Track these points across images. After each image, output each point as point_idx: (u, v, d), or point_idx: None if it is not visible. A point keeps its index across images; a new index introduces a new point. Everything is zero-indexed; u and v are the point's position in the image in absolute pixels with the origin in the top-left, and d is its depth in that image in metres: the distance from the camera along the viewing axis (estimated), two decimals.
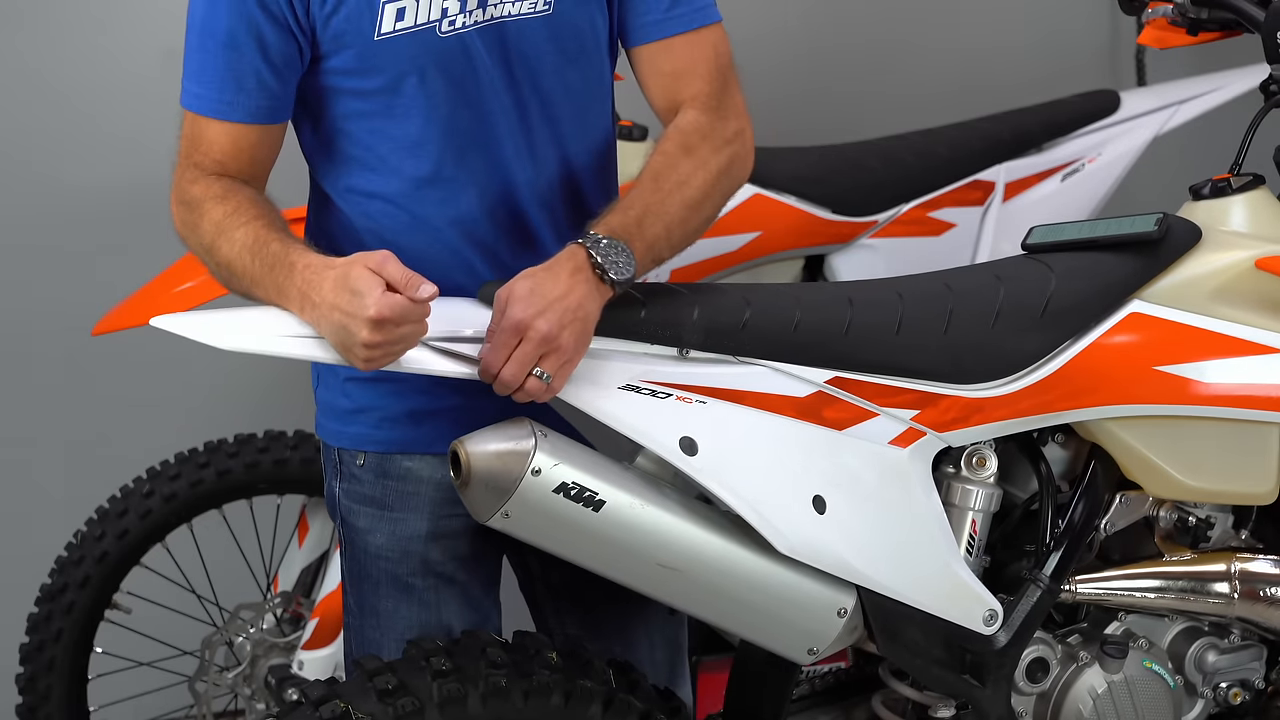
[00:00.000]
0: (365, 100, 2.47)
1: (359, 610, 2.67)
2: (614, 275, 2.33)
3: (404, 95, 2.45)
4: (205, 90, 2.46)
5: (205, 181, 2.46)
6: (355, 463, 2.62)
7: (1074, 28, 4.57)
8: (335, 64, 2.46)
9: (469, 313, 2.37)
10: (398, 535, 2.60)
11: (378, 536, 2.61)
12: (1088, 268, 2.63)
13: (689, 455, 2.34)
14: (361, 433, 2.61)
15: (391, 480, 2.59)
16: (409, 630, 2.60)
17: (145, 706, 3.70)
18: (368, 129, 2.49)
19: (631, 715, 2.44)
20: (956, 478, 2.61)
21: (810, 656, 2.50)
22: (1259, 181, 2.79)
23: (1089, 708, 2.70)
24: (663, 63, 2.58)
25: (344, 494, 2.64)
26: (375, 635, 2.64)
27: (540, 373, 2.27)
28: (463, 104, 2.47)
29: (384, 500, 2.60)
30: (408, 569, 2.61)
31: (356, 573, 2.66)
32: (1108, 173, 3.80)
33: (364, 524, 2.62)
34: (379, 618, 2.64)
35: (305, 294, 2.28)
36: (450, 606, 2.63)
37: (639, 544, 2.34)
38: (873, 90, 4.43)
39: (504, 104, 2.50)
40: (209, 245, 2.43)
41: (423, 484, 2.58)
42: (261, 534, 3.66)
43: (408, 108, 2.46)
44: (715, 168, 2.50)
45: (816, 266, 3.69)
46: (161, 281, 3.36)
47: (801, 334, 2.43)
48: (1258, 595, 2.78)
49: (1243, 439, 2.70)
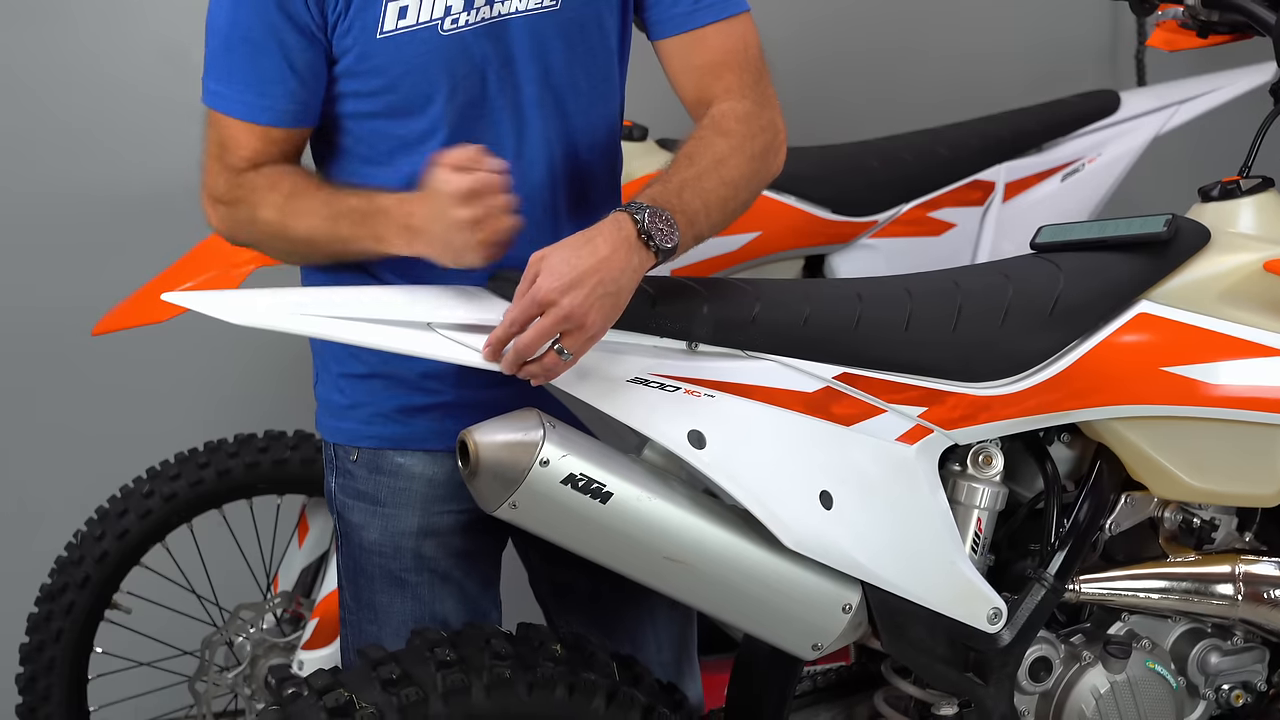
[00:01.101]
0: (368, 100, 2.47)
1: (355, 605, 2.68)
2: (659, 242, 2.31)
3: (405, 94, 2.45)
4: (231, 91, 2.45)
5: (244, 177, 2.47)
6: (349, 458, 2.62)
7: (1074, 28, 4.58)
8: (341, 67, 2.46)
9: (477, 301, 2.37)
10: (390, 531, 2.60)
11: (371, 532, 2.62)
12: (1096, 267, 2.63)
13: (697, 449, 2.34)
14: (354, 428, 2.61)
15: (384, 476, 2.60)
16: (404, 625, 2.60)
17: (145, 706, 3.70)
18: (370, 129, 2.50)
19: (635, 709, 2.44)
20: (963, 475, 2.61)
21: (814, 652, 2.50)
22: (1268, 184, 2.80)
23: (1091, 707, 2.69)
24: (694, 55, 2.55)
25: (339, 489, 2.65)
26: (373, 629, 2.65)
27: (560, 349, 2.25)
28: (466, 102, 2.47)
29: (376, 495, 2.61)
30: (400, 564, 2.61)
31: (352, 568, 2.67)
32: (1108, 173, 3.80)
33: (358, 519, 2.63)
34: (375, 612, 2.65)
35: (405, 225, 2.33)
36: (446, 603, 2.63)
37: (645, 537, 2.34)
38: (873, 90, 4.44)
39: (508, 101, 2.49)
40: (277, 230, 2.45)
41: (414, 480, 2.59)
42: (261, 534, 3.65)
43: (409, 107, 2.46)
44: (751, 152, 2.47)
45: (816, 266, 3.69)
46: (161, 281, 3.36)
47: (810, 329, 2.44)
48: (1261, 597, 2.79)
49: (1249, 441, 2.70)
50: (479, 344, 2.28)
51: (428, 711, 2.31)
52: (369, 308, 2.29)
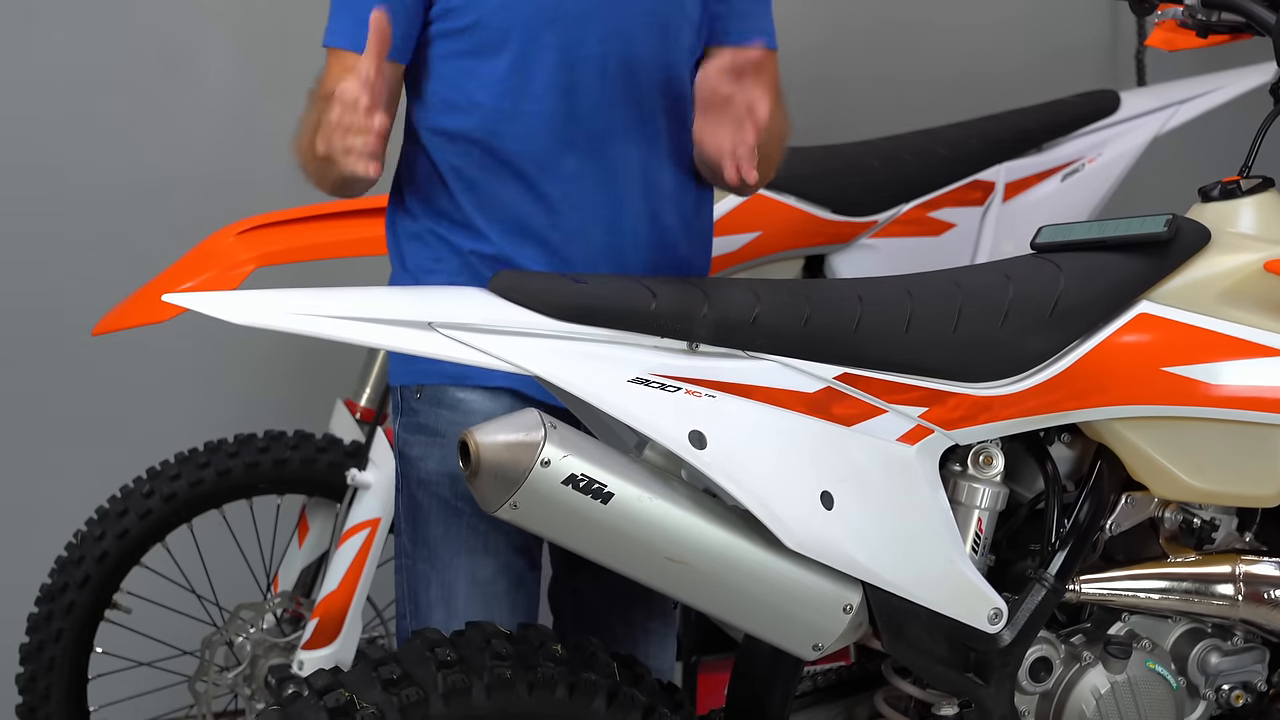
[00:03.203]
0: (457, 39, 2.57)
1: (412, 545, 2.73)
2: None
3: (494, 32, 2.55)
4: (336, 25, 2.60)
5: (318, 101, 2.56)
6: (414, 396, 2.70)
7: (1074, 28, 4.59)
8: (436, 8, 2.56)
9: (477, 301, 2.37)
10: (448, 460, 2.64)
11: (430, 462, 2.68)
12: (1097, 268, 2.63)
13: (698, 449, 2.33)
14: (422, 367, 2.66)
15: (444, 409, 2.66)
16: (457, 558, 2.66)
17: (145, 706, 3.70)
18: (457, 68, 2.59)
19: (635, 709, 2.43)
20: (963, 476, 2.61)
21: (815, 652, 2.49)
22: (1269, 184, 2.80)
23: (1092, 708, 2.69)
24: None
25: (402, 427, 2.72)
26: (425, 569, 2.70)
27: None
28: (550, 46, 2.57)
29: (436, 428, 2.67)
30: (455, 493, 2.66)
31: (410, 505, 2.73)
32: (1108, 173, 3.81)
33: (417, 452, 2.69)
34: (431, 548, 2.69)
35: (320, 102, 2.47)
36: (498, 538, 2.67)
37: (646, 537, 2.34)
38: (873, 90, 4.44)
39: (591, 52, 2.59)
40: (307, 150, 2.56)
41: (473, 415, 2.62)
42: (261, 534, 3.66)
43: (496, 45, 2.56)
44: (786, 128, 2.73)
45: (816, 266, 3.69)
46: (161, 281, 3.36)
47: (811, 329, 2.43)
48: (1262, 598, 2.78)
49: (1249, 441, 2.70)
50: (480, 343, 2.29)
51: (428, 711, 2.30)
52: (370, 307, 2.29)
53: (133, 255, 3.68)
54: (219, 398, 4.14)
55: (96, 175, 4.03)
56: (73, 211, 4.02)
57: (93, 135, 4.02)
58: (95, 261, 3.99)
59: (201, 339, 3.86)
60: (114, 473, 3.59)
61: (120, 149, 4.03)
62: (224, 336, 2.81)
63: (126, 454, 3.71)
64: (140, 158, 3.97)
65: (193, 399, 4.14)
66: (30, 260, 4.02)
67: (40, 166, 4.01)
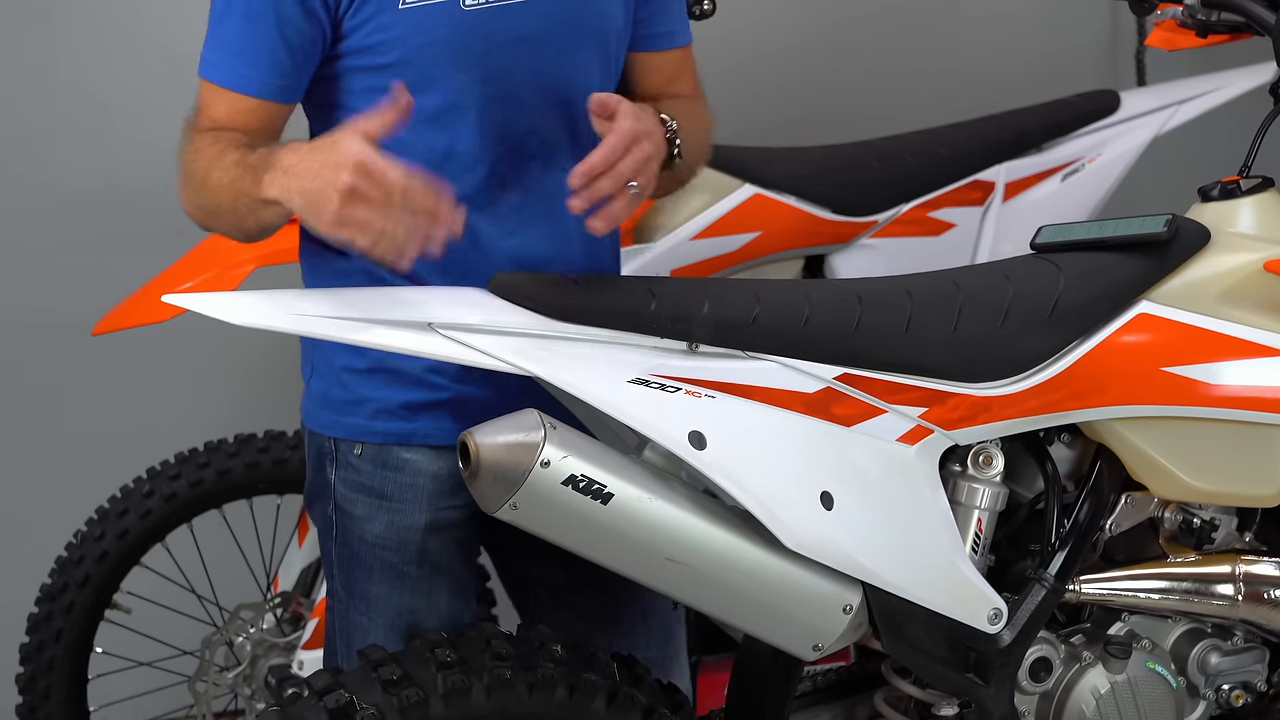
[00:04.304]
0: (379, 75, 2.46)
1: (347, 595, 2.67)
2: (680, 144, 2.54)
3: (421, 69, 2.46)
4: (220, 58, 2.47)
5: (201, 136, 2.46)
6: (353, 452, 2.61)
7: (1074, 28, 4.58)
8: (353, 42, 2.46)
9: (477, 301, 2.37)
10: (396, 525, 2.60)
11: (376, 525, 2.61)
12: (1097, 268, 2.63)
13: (697, 449, 2.33)
14: (358, 424, 2.60)
15: (390, 471, 2.59)
16: (398, 616, 2.61)
17: (145, 706, 3.71)
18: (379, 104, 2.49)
19: (635, 709, 2.44)
20: (963, 476, 2.61)
21: (815, 653, 2.49)
22: (1268, 184, 2.79)
23: (1092, 708, 2.69)
24: (665, 66, 2.76)
25: (340, 481, 2.63)
26: (362, 620, 2.64)
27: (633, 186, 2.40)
28: (479, 79, 2.49)
29: (383, 490, 2.60)
30: (404, 558, 2.61)
31: (347, 558, 2.65)
32: (1108, 173, 3.80)
33: (361, 512, 2.62)
34: (369, 603, 2.64)
35: (289, 167, 2.28)
36: (440, 594, 2.64)
37: (646, 537, 2.34)
38: (873, 90, 4.44)
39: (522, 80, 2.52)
40: (202, 180, 2.43)
41: (421, 476, 2.58)
42: (261, 534, 3.66)
43: (424, 83, 2.46)
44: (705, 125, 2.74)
45: (816, 266, 3.69)
46: (161, 281, 3.36)
47: (811, 330, 2.43)
48: (1262, 598, 2.78)
49: (1249, 441, 2.70)
50: (479, 344, 2.29)
51: (428, 712, 2.31)
52: (369, 308, 2.29)
53: (132, 255, 3.68)
54: (219, 398, 4.14)
55: (96, 175, 4.03)
56: (73, 211, 4.02)
57: (93, 135, 4.02)
58: (95, 262, 3.99)
59: (201, 339, 3.85)
60: (114, 473, 3.59)
61: (120, 149, 4.03)
62: (224, 337, 2.81)
63: (126, 454, 3.71)
64: (140, 158, 3.96)
65: (193, 399, 4.14)
66: (30, 260, 4.02)
67: (40, 167, 4.01)
